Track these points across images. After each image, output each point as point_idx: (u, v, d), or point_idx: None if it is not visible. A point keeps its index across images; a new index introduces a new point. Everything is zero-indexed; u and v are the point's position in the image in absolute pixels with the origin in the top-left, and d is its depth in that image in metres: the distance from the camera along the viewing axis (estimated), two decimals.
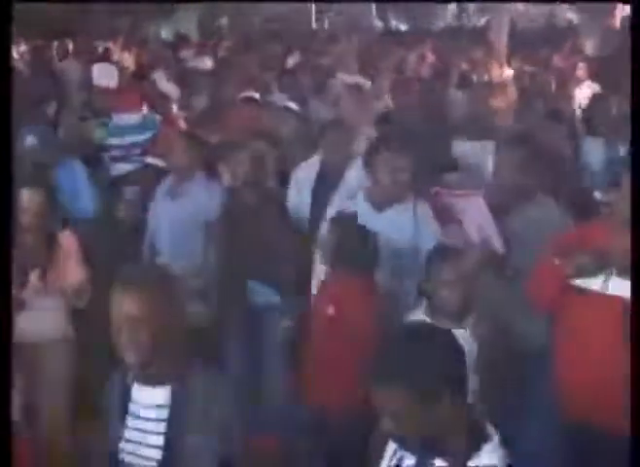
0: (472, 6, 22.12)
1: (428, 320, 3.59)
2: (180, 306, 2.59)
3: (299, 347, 4.37)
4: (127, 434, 2.57)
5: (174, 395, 2.51)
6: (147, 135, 6.76)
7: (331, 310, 4.05)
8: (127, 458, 2.56)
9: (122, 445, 2.57)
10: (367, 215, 4.30)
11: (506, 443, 2.16)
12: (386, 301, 4.17)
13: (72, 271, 4.41)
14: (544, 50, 12.53)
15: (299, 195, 5.26)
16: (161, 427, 2.51)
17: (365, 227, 4.22)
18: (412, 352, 2.09)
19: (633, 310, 3.10)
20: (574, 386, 3.55)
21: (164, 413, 2.52)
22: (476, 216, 4.16)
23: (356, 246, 4.09)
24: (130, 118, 6.88)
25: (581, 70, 9.75)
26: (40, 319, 4.34)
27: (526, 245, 3.97)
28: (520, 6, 18.04)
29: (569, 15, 18.86)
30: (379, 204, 4.32)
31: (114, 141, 6.76)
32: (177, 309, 2.54)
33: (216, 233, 5.02)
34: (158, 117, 7.05)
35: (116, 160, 6.67)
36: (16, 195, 4.19)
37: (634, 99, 3.88)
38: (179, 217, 5.09)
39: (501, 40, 13.19)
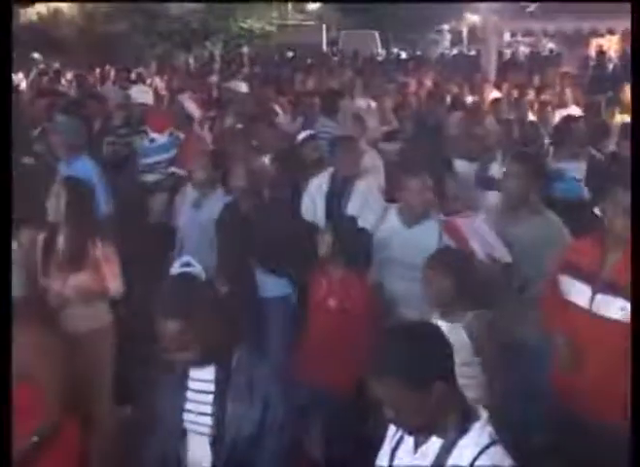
0: (465, 36, 22.11)
1: (428, 317, 3.50)
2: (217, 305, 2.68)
3: (302, 336, 4.25)
4: (187, 406, 2.74)
5: (217, 372, 2.67)
6: (171, 153, 6.78)
7: (332, 303, 4.08)
8: (189, 426, 2.75)
9: (184, 416, 2.74)
10: (398, 230, 4.33)
11: (494, 422, 2.16)
12: (389, 299, 4.17)
13: (109, 275, 4.12)
14: (529, 75, 12.41)
15: (312, 202, 5.27)
16: (209, 398, 2.69)
17: (363, 229, 4.25)
18: (406, 349, 2.10)
19: (633, 315, 2.99)
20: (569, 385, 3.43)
21: (211, 387, 2.69)
22: (478, 233, 4.04)
23: (354, 246, 4.12)
24: (159, 138, 6.85)
25: (564, 94, 9.57)
26: (80, 311, 4.03)
27: (533, 257, 3.84)
28: (507, 36, 18.02)
29: (550, 45, 18.88)
30: (409, 221, 4.35)
31: (145, 161, 6.79)
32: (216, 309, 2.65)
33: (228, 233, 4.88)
34: (181, 135, 6.98)
35: (144, 171, 6.72)
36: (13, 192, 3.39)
37: (634, 100, 3.75)
38: (203, 224, 5.07)
39: (491, 66, 13.19)
